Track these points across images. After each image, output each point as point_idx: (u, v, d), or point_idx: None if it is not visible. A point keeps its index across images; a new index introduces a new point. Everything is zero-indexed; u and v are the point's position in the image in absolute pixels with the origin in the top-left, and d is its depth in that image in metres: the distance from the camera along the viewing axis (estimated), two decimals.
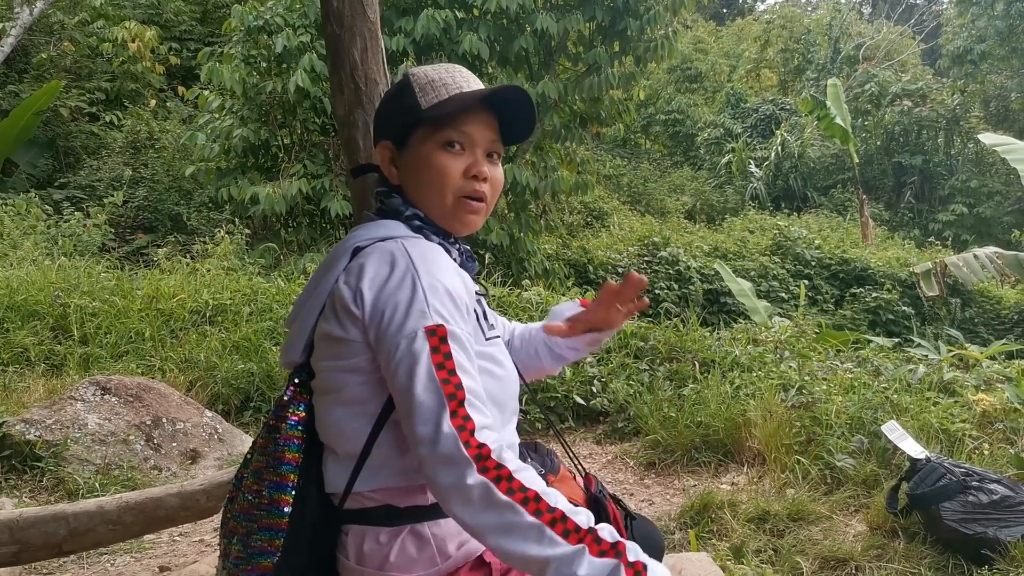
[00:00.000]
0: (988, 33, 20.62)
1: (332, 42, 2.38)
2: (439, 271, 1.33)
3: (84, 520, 2.64)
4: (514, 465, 1.20)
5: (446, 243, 1.46)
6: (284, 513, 1.35)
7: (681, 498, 3.97)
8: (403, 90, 1.49)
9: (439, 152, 1.44)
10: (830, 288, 11.86)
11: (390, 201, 1.48)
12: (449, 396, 1.22)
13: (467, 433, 1.20)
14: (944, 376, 4.78)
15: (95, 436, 4.16)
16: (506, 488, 1.18)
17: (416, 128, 1.45)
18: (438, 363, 1.24)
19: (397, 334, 1.27)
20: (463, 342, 1.29)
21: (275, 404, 1.43)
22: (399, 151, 1.48)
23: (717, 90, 24.21)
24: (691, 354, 5.43)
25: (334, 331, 1.34)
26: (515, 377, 1.49)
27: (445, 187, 1.44)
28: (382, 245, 1.37)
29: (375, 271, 1.32)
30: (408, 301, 1.28)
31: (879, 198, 19.92)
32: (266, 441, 1.40)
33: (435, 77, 1.48)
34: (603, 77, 9.59)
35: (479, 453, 1.19)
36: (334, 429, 1.37)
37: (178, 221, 10.90)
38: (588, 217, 15.29)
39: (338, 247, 1.44)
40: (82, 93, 12.23)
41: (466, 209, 1.45)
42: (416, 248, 1.35)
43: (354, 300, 1.31)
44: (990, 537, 3.04)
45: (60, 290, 5.79)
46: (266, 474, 1.38)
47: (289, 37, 8.76)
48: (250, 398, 5.11)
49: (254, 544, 1.36)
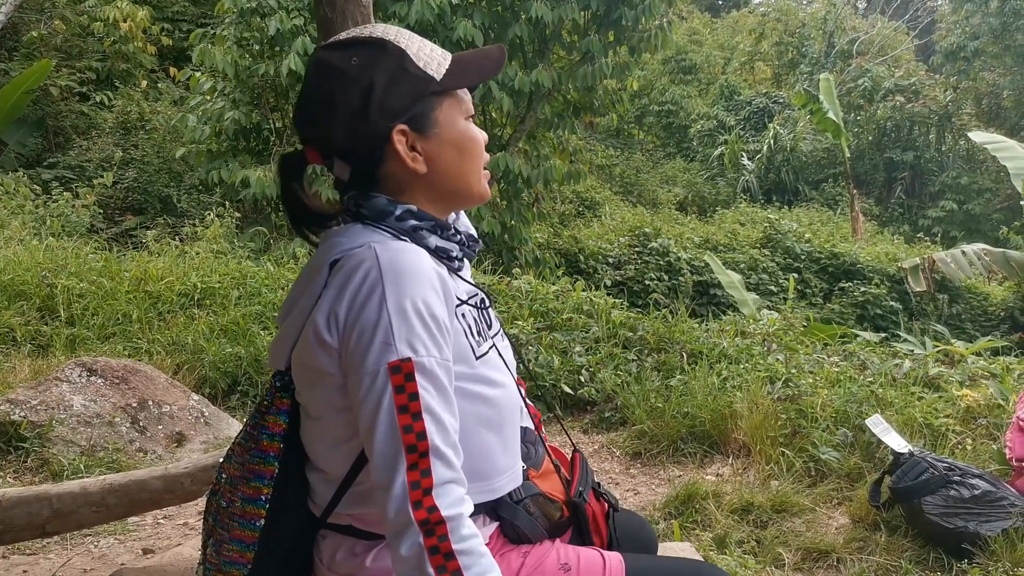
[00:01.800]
0: (982, 30, 20.65)
1: (324, 25, 2.38)
2: (412, 286, 1.18)
3: (68, 501, 2.64)
4: (459, 543, 1.12)
5: (445, 236, 1.32)
6: (256, 527, 1.28)
7: (666, 488, 3.98)
8: (402, 61, 1.27)
9: (470, 126, 1.33)
10: (819, 282, 11.90)
11: (373, 203, 1.29)
12: (409, 448, 1.13)
13: (420, 492, 1.12)
14: (929, 371, 4.81)
15: (80, 418, 4.15)
16: (438, 564, 1.11)
17: (437, 104, 1.29)
18: (401, 405, 1.14)
19: (360, 368, 1.16)
20: (434, 375, 1.17)
21: (255, 409, 1.36)
22: (420, 134, 1.28)
23: (711, 82, 24.19)
24: (679, 345, 5.44)
25: (309, 362, 1.24)
26: (510, 382, 1.37)
27: (481, 161, 1.35)
28: (355, 254, 1.21)
29: (348, 291, 1.19)
30: (372, 329, 1.15)
31: (870, 193, 19.99)
32: (243, 450, 1.33)
33: (417, 41, 1.31)
34: (597, 67, 9.57)
35: (427, 518, 1.11)
36: (318, 455, 1.30)
37: (168, 203, 10.83)
38: (580, 207, 15.28)
39: (317, 257, 1.30)
40: (72, 72, 12.12)
41: (487, 179, 1.37)
42: (387, 255, 1.19)
43: (327, 327, 1.19)
44: (971, 531, 3.07)
45: (47, 270, 5.76)
46: (240, 485, 1.30)
47: (282, 20, 8.71)
48: (237, 382, 5.10)
49: (225, 553, 1.30)
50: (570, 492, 1.49)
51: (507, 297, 6.13)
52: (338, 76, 1.27)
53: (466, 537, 1.14)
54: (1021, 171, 9.17)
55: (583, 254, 11.01)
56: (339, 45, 1.30)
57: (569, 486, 1.50)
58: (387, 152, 1.28)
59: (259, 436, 1.31)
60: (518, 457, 1.39)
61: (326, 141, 1.30)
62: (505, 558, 1.34)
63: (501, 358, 1.38)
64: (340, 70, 1.27)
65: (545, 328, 5.71)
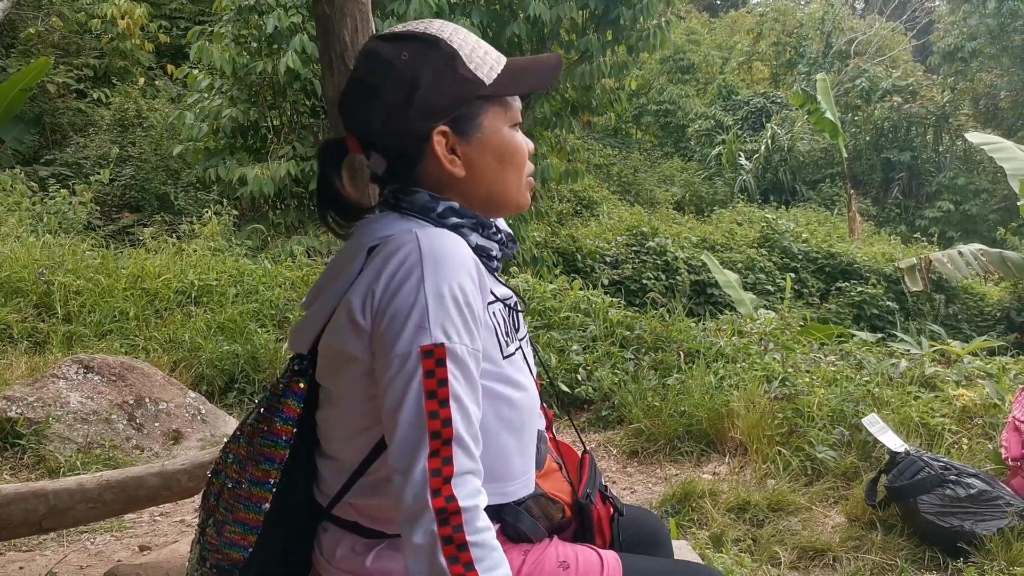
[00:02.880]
0: (979, 31, 20.69)
1: (322, 22, 2.38)
2: (450, 271, 1.17)
3: (64, 498, 2.64)
4: (473, 535, 1.11)
5: (486, 235, 1.31)
6: (262, 510, 1.28)
7: (663, 487, 3.99)
8: (453, 61, 1.25)
9: (515, 133, 1.30)
10: (816, 282, 11.91)
11: (414, 198, 1.27)
12: (433, 434, 1.12)
13: (440, 480, 1.11)
14: (925, 371, 4.83)
15: (77, 415, 4.14)
16: (451, 555, 1.10)
17: (484, 108, 1.27)
18: (430, 390, 1.13)
19: (391, 350, 1.15)
20: (464, 364, 1.16)
21: (270, 391, 1.34)
22: (461, 137, 1.26)
23: (709, 82, 24.20)
24: (676, 344, 5.45)
25: (338, 346, 1.23)
26: (534, 388, 1.36)
27: (523, 170, 1.32)
28: (395, 239, 1.20)
29: (385, 272, 1.18)
30: (407, 311, 1.14)
31: (867, 193, 20.01)
32: (254, 431, 1.32)
33: (473, 43, 1.29)
34: (595, 66, 9.57)
35: (445, 507, 1.10)
36: (333, 442, 1.30)
37: (165, 201, 10.82)
38: (577, 206, 15.29)
39: (352, 243, 1.29)
40: (70, 69, 12.09)
41: (528, 188, 1.35)
42: (428, 240, 1.18)
43: (362, 309, 1.18)
44: (966, 530, 3.08)
45: (44, 267, 5.75)
46: (249, 466, 1.29)
47: (280, 17, 8.69)
48: (234, 379, 5.10)
49: (227, 534, 1.30)
50: (577, 493, 1.48)
51: None
52: (386, 68, 1.25)
53: (480, 529, 1.13)
54: (1018, 172, 9.17)
55: (581, 253, 11.01)
56: (393, 37, 1.29)
57: (574, 486, 1.49)
58: (425, 151, 1.26)
59: (273, 418, 1.30)
60: (533, 464, 1.38)
61: (366, 132, 1.28)
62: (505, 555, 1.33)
63: (526, 362, 1.37)
64: (388, 62, 1.25)
65: (542, 327, 5.71)
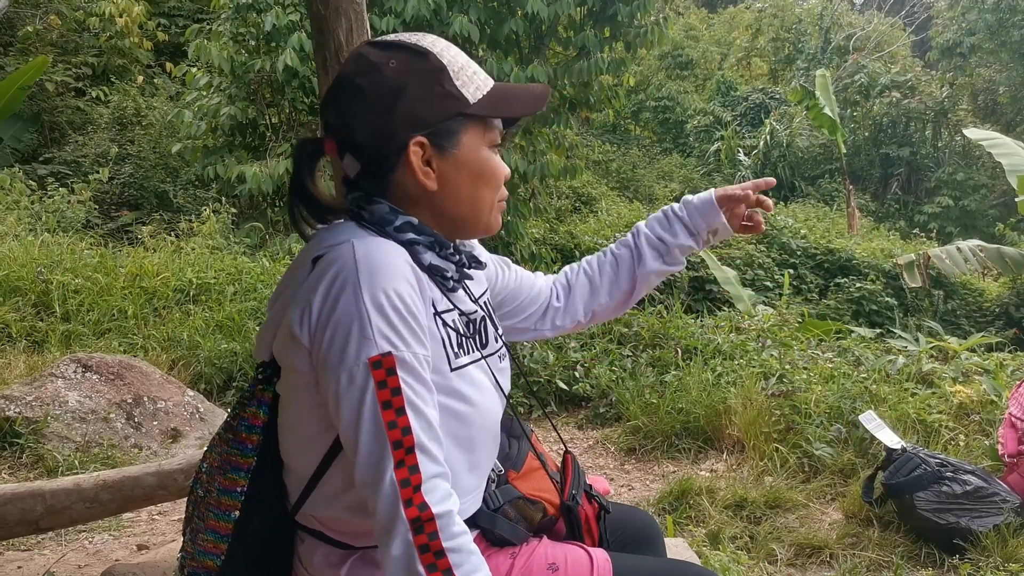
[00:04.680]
0: (978, 27, 20.65)
1: (317, 22, 2.38)
2: (386, 279, 1.15)
3: (61, 497, 2.64)
4: (449, 540, 1.11)
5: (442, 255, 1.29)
6: (231, 518, 1.27)
7: (660, 484, 4.00)
8: (440, 75, 1.25)
9: (492, 155, 1.30)
10: (815, 278, 11.91)
11: (374, 208, 1.26)
12: (395, 443, 1.11)
13: (410, 489, 1.10)
14: (923, 367, 4.83)
15: (75, 414, 4.15)
16: (429, 563, 1.09)
17: (465, 126, 1.26)
18: (384, 401, 1.11)
19: (339, 365, 1.13)
20: (415, 369, 1.15)
21: (236, 400, 1.34)
22: (439, 151, 1.25)
23: (708, 78, 24.18)
24: (674, 341, 5.46)
25: (283, 357, 1.23)
26: (492, 405, 1.33)
27: (496, 193, 1.32)
28: (334, 250, 1.19)
29: (322, 286, 1.16)
30: (349, 323, 1.12)
31: (866, 189, 19.99)
32: (222, 440, 1.33)
33: (463, 60, 1.28)
34: (593, 62, 9.55)
35: (418, 516, 1.09)
36: (286, 452, 1.29)
37: (164, 199, 10.81)
38: (576, 202, 15.27)
39: (303, 253, 1.28)
40: (68, 68, 12.08)
41: (500, 212, 1.34)
42: (363, 248, 1.17)
43: (300, 323, 1.17)
44: (963, 527, 3.09)
45: (43, 266, 5.76)
46: (217, 475, 1.30)
47: (278, 15, 8.68)
48: (233, 377, 5.11)
49: (200, 542, 1.30)
50: (563, 496, 1.47)
51: None
52: (372, 72, 1.25)
53: (456, 534, 1.12)
54: (1016, 167, 9.16)
55: (579, 249, 11.01)
56: (384, 44, 1.28)
57: (556, 483, 1.49)
58: (401, 160, 1.25)
59: (238, 427, 1.30)
60: (485, 478, 1.37)
61: (345, 134, 1.27)
62: (492, 560, 1.32)
63: (492, 377, 1.35)
64: (376, 66, 1.25)
65: None
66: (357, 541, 1.28)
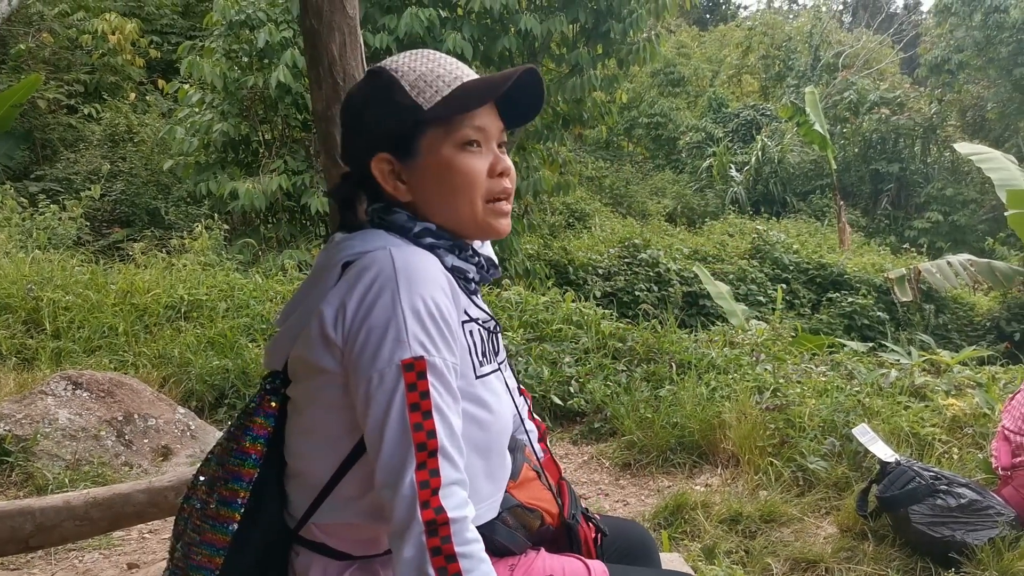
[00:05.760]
0: (966, 43, 20.87)
1: (310, 37, 2.38)
2: (425, 287, 1.18)
3: (51, 515, 2.61)
4: (462, 546, 1.12)
5: (463, 257, 1.33)
6: (229, 531, 1.26)
7: (655, 499, 3.98)
8: (390, 90, 1.29)
9: (460, 154, 1.29)
10: (807, 292, 11.95)
11: (393, 218, 1.30)
12: (419, 446, 1.13)
13: (428, 492, 1.11)
14: (915, 381, 4.84)
15: (65, 431, 4.11)
16: (439, 566, 1.10)
17: (422, 132, 1.29)
18: (412, 403, 1.14)
19: (371, 366, 1.15)
20: (444, 376, 1.18)
21: (241, 410, 1.34)
22: (403, 162, 1.30)
23: (699, 94, 24.36)
24: (668, 355, 5.45)
25: (309, 358, 1.23)
26: (507, 413, 1.37)
27: (475, 193, 1.29)
28: (369, 256, 1.22)
29: (358, 288, 1.18)
30: (384, 326, 1.15)
31: (856, 204, 20.12)
32: (224, 450, 1.32)
33: (424, 69, 1.30)
34: (586, 79, 9.62)
35: (434, 519, 1.11)
36: (300, 458, 1.29)
37: (156, 215, 10.81)
38: (570, 218, 15.33)
39: (324, 259, 1.30)
40: (60, 85, 12.10)
41: (498, 212, 1.32)
42: (402, 257, 1.20)
43: (334, 323, 1.19)
44: (957, 540, 3.08)
45: (33, 283, 5.72)
46: (218, 486, 1.29)
47: (271, 32, 8.72)
48: (224, 395, 5.07)
49: (194, 557, 1.28)
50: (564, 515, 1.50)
51: (497, 308, 6.13)
52: (346, 101, 1.38)
53: (469, 540, 1.13)
54: (1005, 182, 9.24)
55: (573, 265, 11.03)
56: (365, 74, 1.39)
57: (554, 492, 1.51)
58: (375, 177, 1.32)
59: (242, 437, 1.30)
60: (502, 488, 1.39)
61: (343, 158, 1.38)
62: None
63: (506, 386, 1.39)
64: (349, 96, 1.38)
65: (535, 339, 5.70)
66: (359, 550, 1.28)
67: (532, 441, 1.57)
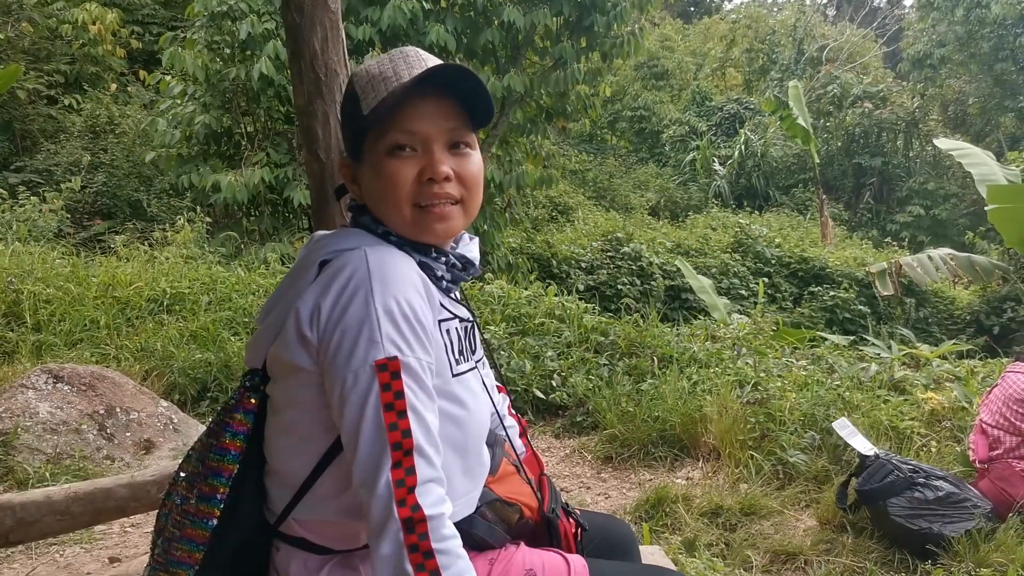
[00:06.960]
0: (948, 38, 20.99)
1: (292, 31, 2.37)
2: (398, 287, 1.20)
3: (31, 510, 2.59)
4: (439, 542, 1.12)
5: (428, 258, 1.32)
6: (208, 526, 1.27)
7: (637, 492, 4.01)
8: (349, 97, 1.35)
9: (387, 160, 1.29)
10: (789, 286, 12.02)
11: (361, 219, 1.35)
12: (394, 445, 1.13)
13: (405, 490, 1.12)
14: (895, 375, 4.89)
15: (46, 425, 4.08)
16: (417, 562, 1.11)
17: (364, 136, 1.31)
18: (387, 403, 1.14)
19: (345, 366, 1.16)
20: (419, 375, 1.18)
21: (221, 407, 1.35)
22: (356, 166, 1.36)
23: (683, 88, 24.40)
24: (650, 350, 5.48)
25: (285, 356, 1.23)
26: (484, 410, 1.38)
27: (399, 198, 1.29)
28: (345, 255, 1.24)
29: (333, 288, 1.20)
30: (358, 327, 1.16)
31: (839, 198, 20.23)
32: (204, 447, 1.33)
33: (376, 72, 1.31)
34: (569, 72, 9.61)
35: (411, 516, 1.11)
36: (278, 456, 1.30)
37: (137, 208, 10.72)
38: (553, 211, 15.33)
39: (304, 257, 1.32)
40: (40, 75, 11.96)
41: (430, 218, 1.30)
42: (377, 257, 1.22)
43: (310, 322, 1.20)
44: (935, 533, 3.12)
45: (13, 276, 5.67)
46: (198, 482, 1.30)
47: (253, 24, 8.65)
48: (207, 388, 5.06)
49: (173, 552, 1.29)
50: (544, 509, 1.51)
51: (479, 302, 6.14)
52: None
53: (446, 537, 1.14)
54: (985, 177, 9.31)
55: (556, 259, 11.04)
56: None
57: (534, 487, 1.53)
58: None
59: (222, 433, 1.30)
60: (479, 485, 1.40)
61: None
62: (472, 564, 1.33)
63: (483, 384, 1.40)
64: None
65: (517, 333, 5.72)
66: (339, 545, 1.29)
67: (512, 437, 1.58)
